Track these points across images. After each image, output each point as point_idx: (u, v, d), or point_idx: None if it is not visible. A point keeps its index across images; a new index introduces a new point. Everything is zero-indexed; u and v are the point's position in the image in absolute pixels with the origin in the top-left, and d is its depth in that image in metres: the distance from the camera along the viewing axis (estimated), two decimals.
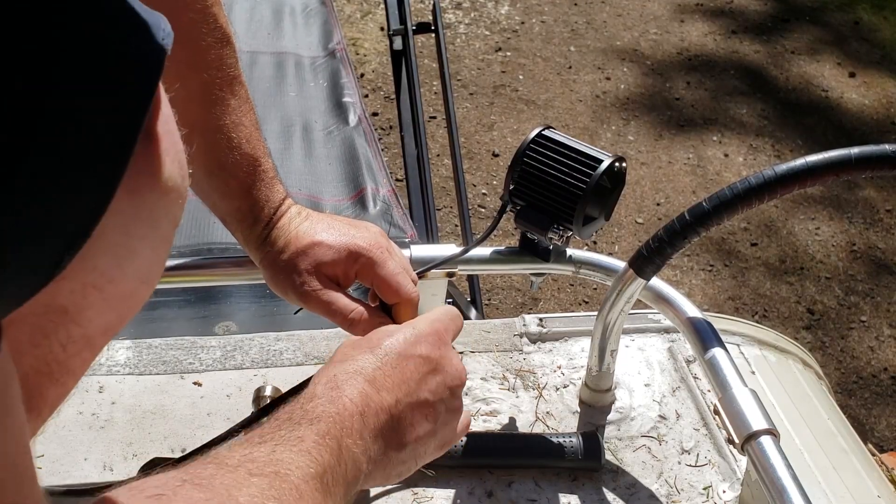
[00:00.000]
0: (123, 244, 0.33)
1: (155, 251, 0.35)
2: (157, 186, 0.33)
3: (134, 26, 0.30)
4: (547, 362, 0.99)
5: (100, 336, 0.36)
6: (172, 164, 0.34)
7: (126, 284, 0.34)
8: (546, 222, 0.80)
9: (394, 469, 0.57)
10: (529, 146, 0.80)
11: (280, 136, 1.71)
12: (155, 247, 0.35)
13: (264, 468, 0.45)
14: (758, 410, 0.71)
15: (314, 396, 0.53)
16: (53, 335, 0.33)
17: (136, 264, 0.34)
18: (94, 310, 0.33)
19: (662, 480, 0.86)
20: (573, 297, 2.71)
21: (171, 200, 0.35)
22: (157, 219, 0.34)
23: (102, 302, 0.33)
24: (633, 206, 3.07)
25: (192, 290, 1.38)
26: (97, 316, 0.34)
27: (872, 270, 2.91)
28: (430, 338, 0.60)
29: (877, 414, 2.45)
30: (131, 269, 0.34)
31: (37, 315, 0.32)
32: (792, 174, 0.68)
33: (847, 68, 3.93)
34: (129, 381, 0.93)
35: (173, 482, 0.42)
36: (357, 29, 4.00)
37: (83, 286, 0.32)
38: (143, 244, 0.34)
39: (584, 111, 3.55)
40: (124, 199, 0.31)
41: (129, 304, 0.36)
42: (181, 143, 0.36)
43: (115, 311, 0.35)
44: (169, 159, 0.34)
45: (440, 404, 0.59)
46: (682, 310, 0.83)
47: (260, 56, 1.98)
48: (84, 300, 0.33)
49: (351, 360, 0.57)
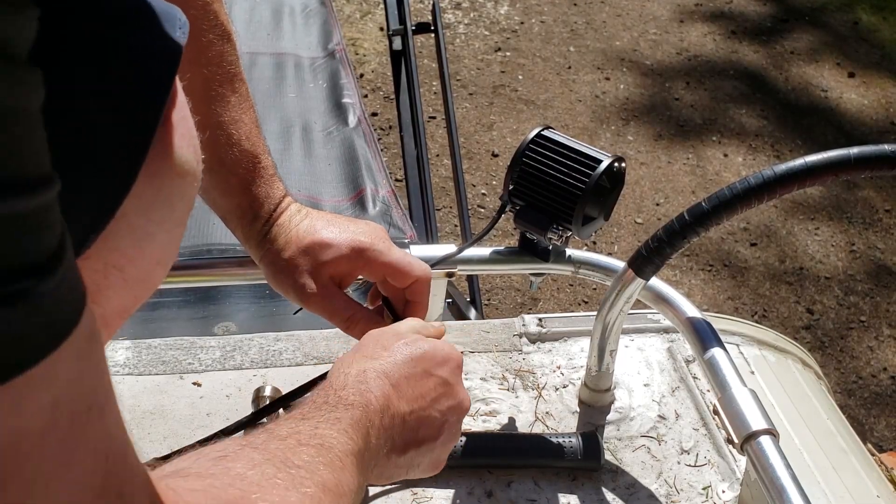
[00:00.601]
0: (143, 226, 0.34)
1: (170, 234, 0.36)
2: (174, 170, 0.35)
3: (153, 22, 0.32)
4: (546, 362, 0.99)
5: (116, 317, 0.37)
6: (188, 148, 0.35)
7: (144, 266, 0.36)
8: (545, 222, 0.80)
9: (389, 471, 0.60)
10: (529, 146, 0.81)
11: (279, 137, 1.71)
12: (170, 229, 0.36)
13: (310, 440, 0.48)
14: (757, 410, 0.71)
15: (346, 385, 0.56)
16: None
17: (154, 246, 0.35)
18: (114, 290, 0.35)
19: (662, 480, 0.86)
20: (572, 298, 2.71)
21: (187, 183, 0.36)
22: (173, 202, 0.35)
23: (122, 282, 0.35)
24: (632, 206, 3.08)
25: (192, 290, 1.38)
26: (115, 296, 0.35)
27: (872, 271, 2.91)
28: (452, 363, 0.64)
29: (876, 414, 2.45)
30: (149, 250, 0.35)
31: None
32: (791, 174, 0.68)
33: (846, 69, 3.93)
34: (128, 381, 0.93)
35: (234, 445, 0.44)
36: (357, 29, 4.00)
37: (105, 266, 0.33)
38: (161, 226, 0.35)
39: (584, 111, 3.56)
40: (144, 182, 0.32)
41: (145, 286, 0.37)
42: (195, 129, 0.37)
43: (133, 292, 0.36)
44: (185, 144, 0.35)
45: (445, 425, 0.62)
46: (681, 310, 0.83)
47: (259, 57, 1.98)
48: (105, 280, 0.34)
49: (381, 360, 0.60)
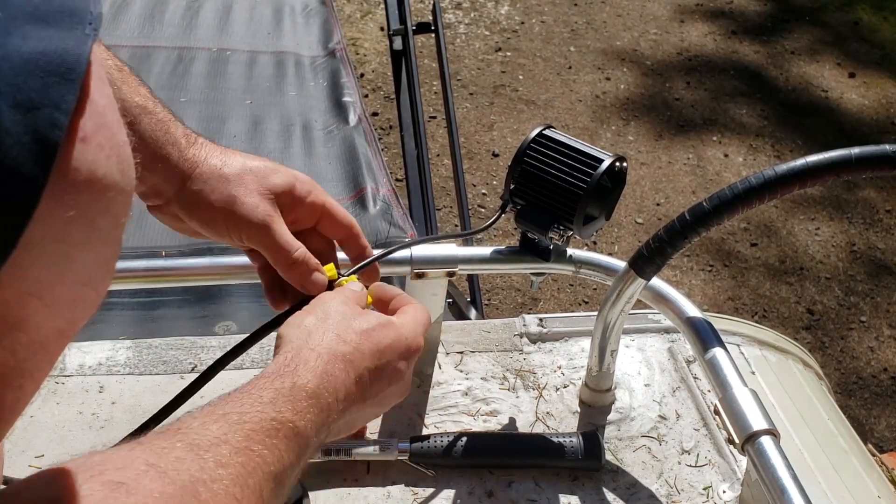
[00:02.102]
0: (57, 251, 0.31)
1: (95, 253, 0.33)
2: (90, 187, 0.31)
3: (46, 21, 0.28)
4: (547, 362, 0.99)
5: (54, 340, 0.34)
6: (108, 160, 0.32)
7: (67, 290, 0.33)
8: (546, 222, 0.80)
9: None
10: (530, 146, 0.80)
11: (280, 136, 1.72)
12: (95, 249, 0.33)
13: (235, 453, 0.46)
14: (758, 411, 0.71)
15: (307, 361, 0.57)
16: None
17: (76, 269, 0.32)
18: (39, 316, 0.32)
19: (662, 480, 0.86)
20: (573, 298, 2.71)
21: (110, 199, 0.32)
22: (92, 220, 0.32)
23: (45, 308, 0.32)
24: (632, 206, 3.07)
25: (192, 290, 1.38)
26: (44, 322, 0.32)
27: (872, 271, 2.91)
28: (412, 353, 0.64)
29: (877, 414, 2.45)
30: (70, 274, 0.32)
31: None
32: (792, 174, 0.68)
33: (847, 69, 3.93)
34: (128, 381, 0.93)
35: (138, 465, 0.41)
36: (357, 29, 4.00)
37: (18, 295, 0.30)
38: (81, 248, 0.32)
39: (584, 111, 3.55)
40: (51, 205, 0.29)
41: (76, 309, 0.34)
42: (122, 134, 0.34)
43: (63, 316, 0.33)
44: (103, 156, 0.32)
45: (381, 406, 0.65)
46: (682, 310, 0.83)
47: (260, 56, 1.98)
48: (24, 309, 0.31)
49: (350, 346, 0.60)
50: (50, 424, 0.87)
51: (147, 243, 1.38)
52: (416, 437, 0.85)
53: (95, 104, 0.31)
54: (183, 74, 1.87)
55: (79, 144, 0.30)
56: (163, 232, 1.35)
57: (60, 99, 0.29)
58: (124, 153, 0.33)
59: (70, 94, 0.29)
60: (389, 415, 0.89)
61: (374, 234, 1.48)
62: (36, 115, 0.28)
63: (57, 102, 0.29)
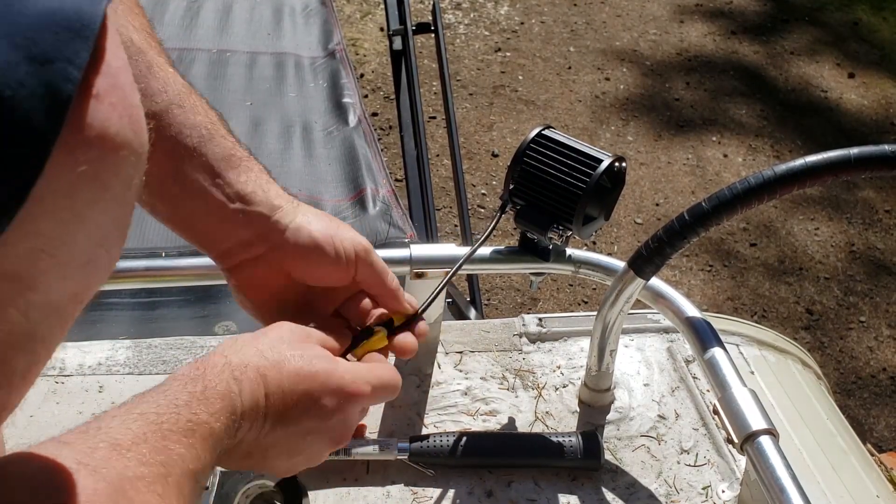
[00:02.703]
0: (69, 207, 0.31)
1: (108, 214, 0.33)
2: (104, 144, 0.32)
3: None
4: (546, 362, 0.99)
5: (68, 304, 0.34)
6: (120, 119, 0.32)
7: (80, 250, 0.33)
8: (546, 222, 0.80)
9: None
10: (529, 146, 0.81)
11: (280, 137, 1.72)
12: (107, 209, 0.33)
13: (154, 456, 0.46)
14: (757, 410, 0.71)
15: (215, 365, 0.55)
16: (10, 303, 0.32)
17: (88, 228, 0.33)
18: (51, 275, 0.32)
19: (662, 480, 0.86)
20: (572, 297, 2.71)
21: (122, 158, 0.33)
22: (104, 179, 0.32)
23: (57, 268, 0.32)
24: (632, 206, 3.08)
25: (192, 290, 1.38)
26: (56, 282, 0.33)
27: (871, 271, 2.91)
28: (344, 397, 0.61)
29: (876, 414, 2.45)
30: (83, 234, 0.33)
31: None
32: (791, 175, 0.68)
33: (846, 69, 3.94)
34: (128, 380, 0.93)
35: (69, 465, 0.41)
36: (357, 29, 4.00)
37: (31, 251, 0.31)
38: (93, 207, 0.32)
39: (584, 111, 3.56)
40: (63, 159, 0.30)
41: (90, 270, 0.34)
42: (135, 97, 0.34)
43: (76, 277, 0.34)
44: (116, 114, 0.32)
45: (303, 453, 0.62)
46: (681, 310, 0.83)
47: (260, 56, 1.98)
48: (35, 266, 0.31)
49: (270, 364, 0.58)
50: (50, 424, 0.87)
51: (147, 243, 1.38)
52: (415, 437, 0.85)
53: (109, 65, 0.32)
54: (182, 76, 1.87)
55: (92, 101, 0.31)
56: (163, 232, 1.36)
57: (74, 54, 0.29)
58: (137, 114, 0.34)
59: (83, 51, 0.30)
60: (389, 414, 0.89)
61: (373, 235, 1.48)
62: (50, 69, 0.28)
63: (70, 57, 0.29)
